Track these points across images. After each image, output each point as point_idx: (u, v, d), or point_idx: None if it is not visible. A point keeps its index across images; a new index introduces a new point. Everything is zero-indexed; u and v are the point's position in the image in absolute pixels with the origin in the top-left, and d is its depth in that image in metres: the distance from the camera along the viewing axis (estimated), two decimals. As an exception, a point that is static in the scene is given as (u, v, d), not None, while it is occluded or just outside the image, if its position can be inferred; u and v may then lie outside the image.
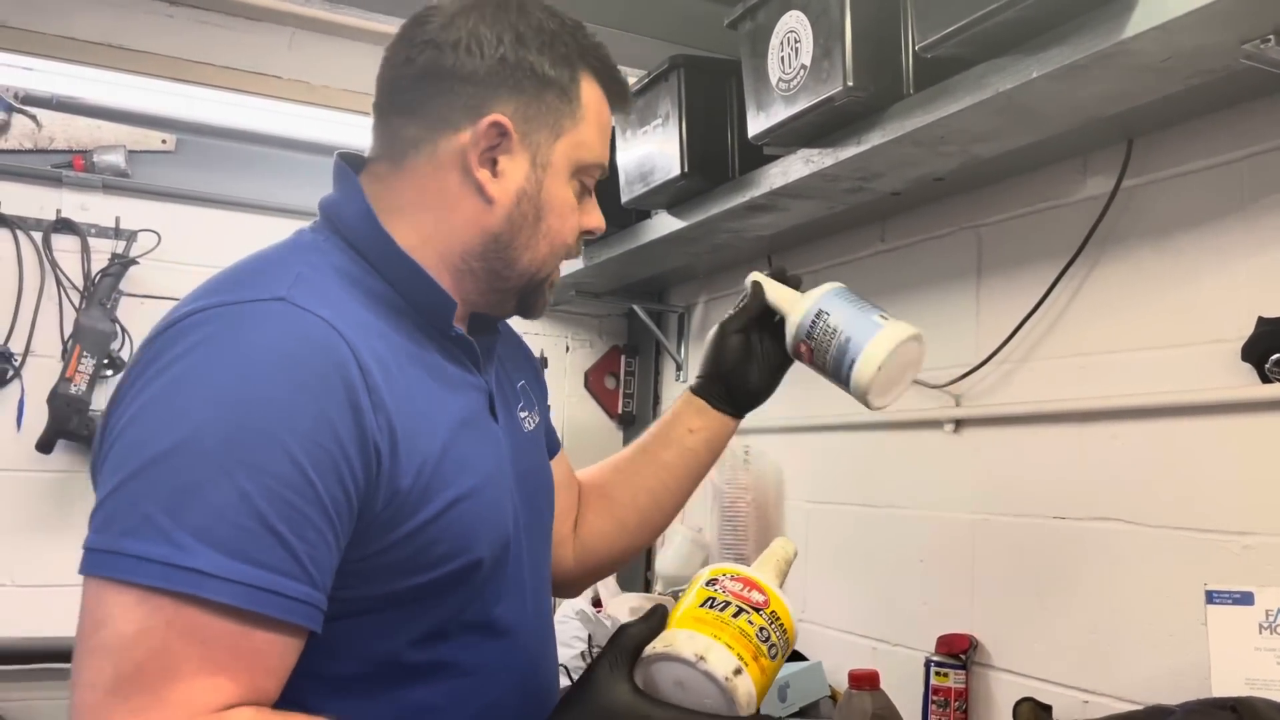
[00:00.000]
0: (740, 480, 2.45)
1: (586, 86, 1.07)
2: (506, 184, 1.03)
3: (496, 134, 1.01)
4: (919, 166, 1.72)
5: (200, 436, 0.81)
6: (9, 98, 2.51)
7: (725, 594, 0.93)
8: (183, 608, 0.78)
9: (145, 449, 0.81)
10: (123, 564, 0.80)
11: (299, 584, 0.82)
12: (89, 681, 0.78)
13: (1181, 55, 1.24)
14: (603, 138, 1.10)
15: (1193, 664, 1.40)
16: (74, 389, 2.42)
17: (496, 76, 1.01)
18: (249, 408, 0.82)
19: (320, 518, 0.83)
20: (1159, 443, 1.57)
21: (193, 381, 0.83)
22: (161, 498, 0.80)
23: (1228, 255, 1.51)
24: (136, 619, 0.78)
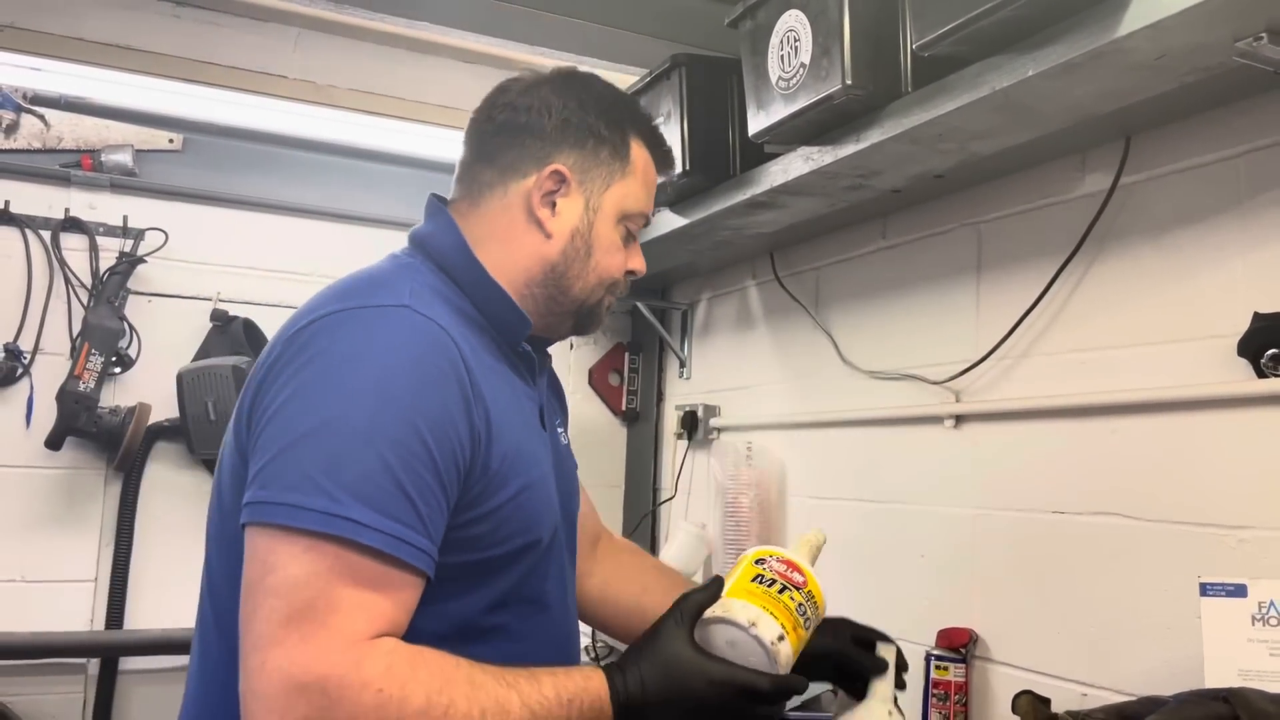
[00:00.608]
0: (743, 476, 2.46)
1: (636, 148, 1.28)
2: (563, 222, 1.23)
3: (557, 180, 1.22)
4: (918, 164, 1.74)
5: (351, 415, 0.98)
6: (17, 98, 2.54)
7: (772, 572, 1.09)
8: (341, 552, 0.94)
9: (303, 423, 0.99)
10: (289, 513, 0.95)
11: (423, 538, 0.99)
12: (264, 617, 0.93)
13: (1175, 53, 1.26)
14: (648, 192, 1.30)
15: (1188, 656, 1.41)
16: (82, 386, 2.44)
17: (560, 134, 1.23)
18: (390, 394, 1.00)
19: (438, 487, 1.01)
20: (1156, 437, 1.58)
21: (342, 370, 1.01)
22: (319, 462, 0.96)
23: (1224, 251, 1.52)
24: (305, 563, 0.94)
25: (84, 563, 2.52)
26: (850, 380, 2.27)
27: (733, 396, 2.73)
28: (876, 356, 2.20)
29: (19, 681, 2.41)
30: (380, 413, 0.99)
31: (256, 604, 0.95)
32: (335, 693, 0.91)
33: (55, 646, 2.43)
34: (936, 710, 1.81)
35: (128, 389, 2.56)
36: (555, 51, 2.44)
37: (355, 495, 0.95)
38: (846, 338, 2.30)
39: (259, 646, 0.93)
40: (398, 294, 1.09)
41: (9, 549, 2.45)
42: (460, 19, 2.33)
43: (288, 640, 0.92)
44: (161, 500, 2.58)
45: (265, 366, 1.07)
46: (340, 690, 0.91)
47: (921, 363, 2.06)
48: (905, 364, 2.10)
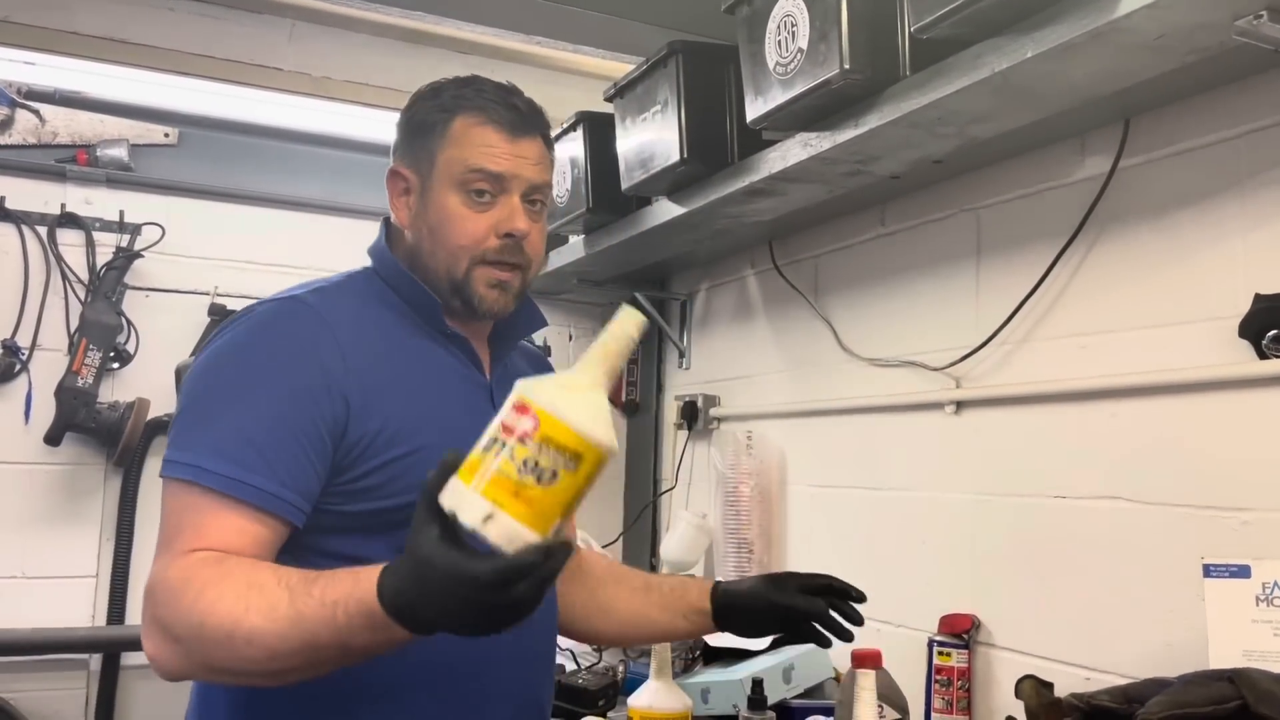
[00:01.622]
0: (743, 465, 2.46)
1: (458, 120, 1.33)
2: (408, 212, 1.36)
3: (398, 179, 1.36)
4: (917, 148, 1.73)
5: (218, 384, 1.21)
6: (12, 93, 2.53)
7: (498, 431, 0.94)
8: (190, 493, 1.14)
9: (189, 394, 1.22)
10: (165, 467, 1.17)
11: (270, 481, 1.14)
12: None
13: (1175, 33, 1.25)
14: (476, 150, 1.31)
15: (1192, 638, 1.41)
16: (81, 382, 2.44)
17: (398, 141, 1.38)
18: (248, 364, 1.21)
19: (294, 440, 1.17)
20: (1158, 420, 1.58)
21: (222, 352, 1.23)
22: (189, 425, 1.19)
23: (1225, 233, 1.52)
24: (168, 504, 1.17)
25: (85, 558, 2.52)
26: (850, 368, 2.26)
27: (732, 386, 2.73)
28: (876, 344, 2.19)
29: (21, 678, 2.41)
30: (238, 380, 1.19)
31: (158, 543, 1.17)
32: (152, 592, 1.11)
33: (57, 642, 2.43)
34: (940, 696, 1.81)
35: (126, 384, 2.56)
36: (551, 40, 2.44)
37: (210, 449, 1.14)
38: (846, 325, 2.30)
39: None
40: (295, 291, 1.28)
41: (9, 545, 2.45)
42: (456, 9, 2.33)
43: (157, 561, 1.14)
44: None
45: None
46: (153, 589, 1.11)
47: (921, 349, 2.05)
48: (905, 351, 2.10)
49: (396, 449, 1.22)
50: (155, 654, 1.10)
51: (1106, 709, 1.22)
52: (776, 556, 2.45)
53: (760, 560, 2.43)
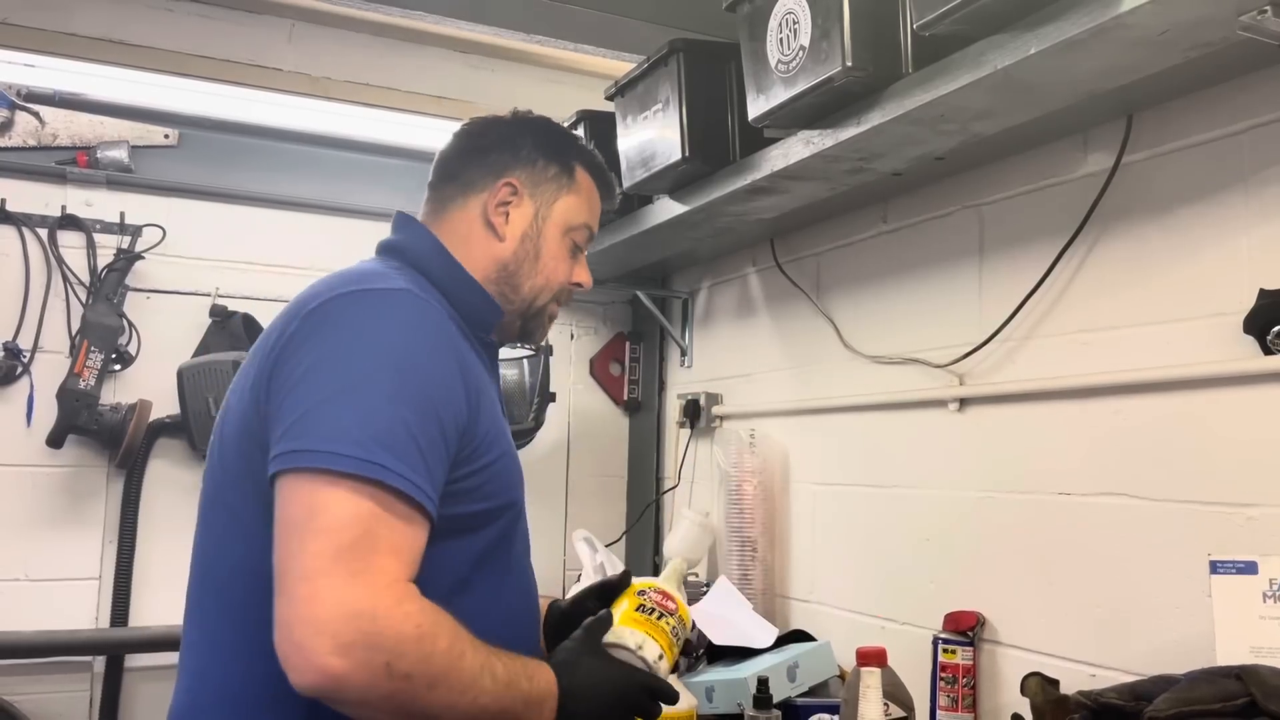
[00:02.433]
0: (746, 463, 2.46)
1: (580, 171, 1.46)
2: (514, 227, 1.40)
3: (509, 191, 1.40)
4: (919, 146, 1.73)
5: (376, 378, 1.12)
6: (12, 95, 2.52)
7: (651, 602, 1.35)
8: (377, 494, 1.06)
9: (333, 384, 1.10)
10: (329, 459, 1.06)
11: (430, 488, 1.12)
12: (314, 552, 1.04)
13: (1179, 28, 1.25)
14: (592, 210, 1.48)
15: (1198, 635, 1.41)
16: (83, 384, 2.43)
17: (514, 154, 1.42)
18: (407, 362, 1.14)
19: (442, 445, 1.15)
20: (1162, 417, 1.58)
21: (364, 339, 1.14)
22: (352, 416, 1.08)
23: (1228, 228, 1.52)
24: (349, 504, 1.05)
25: (88, 560, 2.51)
26: (853, 365, 2.26)
27: (735, 384, 2.73)
28: (879, 341, 2.19)
29: (25, 680, 2.41)
30: (400, 377, 1.12)
31: (302, 542, 1.04)
32: (383, 621, 1.02)
33: (60, 645, 2.42)
34: (945, 693, 1.81)
35: (128, 386, 2.55)
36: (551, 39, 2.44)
37: (383, 446, 1.07)
38: (848, 323, 2.30)
39: (308, 578, 1.03)
40: (394, 282, 1.24)
41: (12, 548, 2.45)
42: (455, 8, 2.32)
43: (336, 572, 1.02)
44: (164, 496, 2.58)
45: (282, 339, 1.17)
46: (388, 620, 1.03)
47: (924, 346, 2.05)
48: (908, 348, 2.09)
49: (493, 452, 1.25)
50: (352, 675, 1.01)
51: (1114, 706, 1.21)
52: (780, 554, 2.45)
53: (764, 558, 2.42)
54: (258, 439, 1.14)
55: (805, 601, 2.37)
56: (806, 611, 2.35)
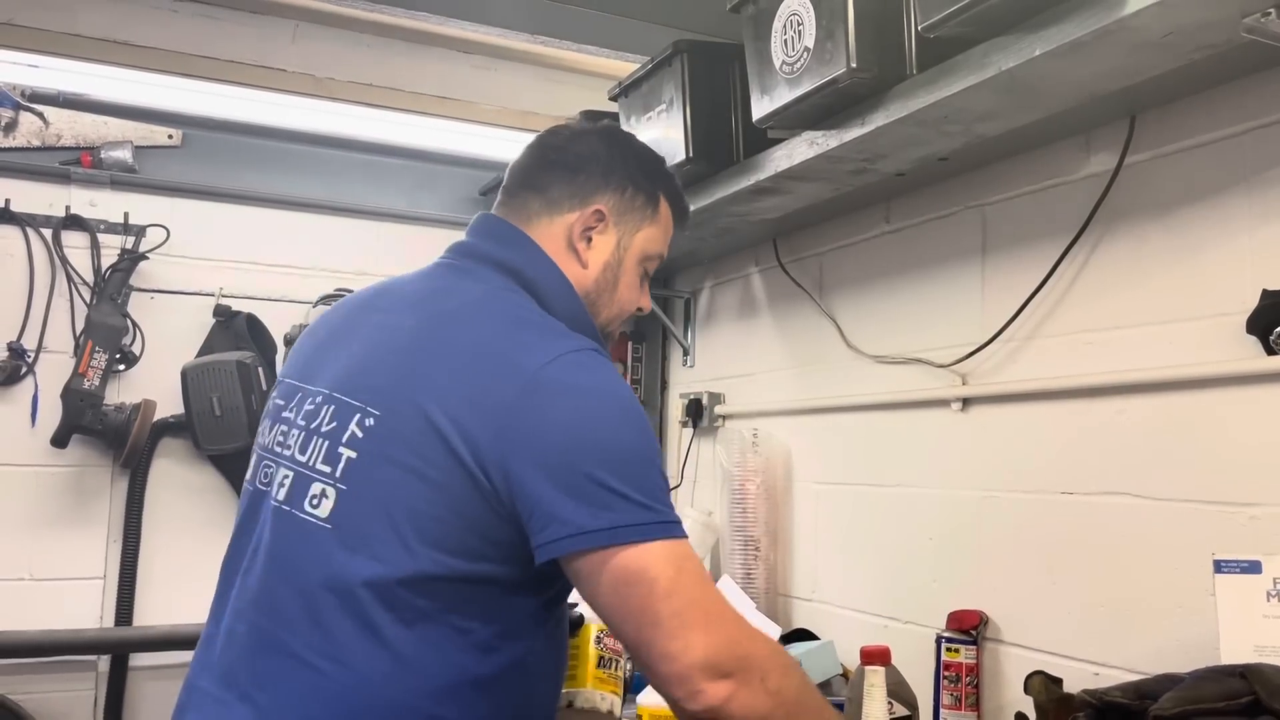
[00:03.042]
0: (749, 463, 2.47)
1: (664, 202, 1.45)
2: (597, 255, 1.38)
3: (597, 218, 1.38)
4: (923, 146, 1.73)
5: (639, 443, 1.18)
6: (16, 96, 2.53)
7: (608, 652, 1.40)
8: (687, 552, 1.14)
9: (614, 451, 1.14)
10: (660, 529, 1.13)
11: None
12: (671, 613, 1.10)
13: (1182, 30, 1.25)
14: (666, 240, 1.47)
15: (1202, 634, 1.42)
16: (87, 384, 2.44)
17: (604, 178, 1.39)
18: (644, 423, 1.20)
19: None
20: (1165, 417, 1.58)
21: (610, 403, 1.18)
22: (643, 484, 1.14)
23: (1231, 229, 1.52)
24: (677, 566, 1.12)
25: (92, 560, 2.52)
26: (856, 365, 2.27)
27: (737, 384, 2.73)
28: (882, 341, 2.20)
29: (30, 680, 2.41)
30: (647, 437, 1.20)
31: (657, 610, 1.10)
32: (750, 647, 1.13)
33: (65, 644, 2.43)
34: (948, 692, 1.81)
35: (132, 386, 2.56)
36: (555, 40, 2.44)
37: (667, 505, 1.16)
38: (851, 323, 2.30)
39: (677, 635, 1.10)
40: (576, 341, 1.23)
41: (17, 547, 2.45)
42: (458, 9, 2.33)
43: (698, 621, 1.11)
44: (168, 496, 2.59)
45: (515, 393, 1.15)
46: (752, 645, 1.14)
47: (927, 346, 2.06)
48: (911, 348, 2.10)
49: None
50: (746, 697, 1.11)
51: (1119, 705, 1.22)
52: (783, 554, 2.46)
53: (767, 558, 2.43)
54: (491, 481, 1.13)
55: (808, 600, 2.37)
56: (810, 610, 2.36)
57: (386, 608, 1.12)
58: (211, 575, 1.32)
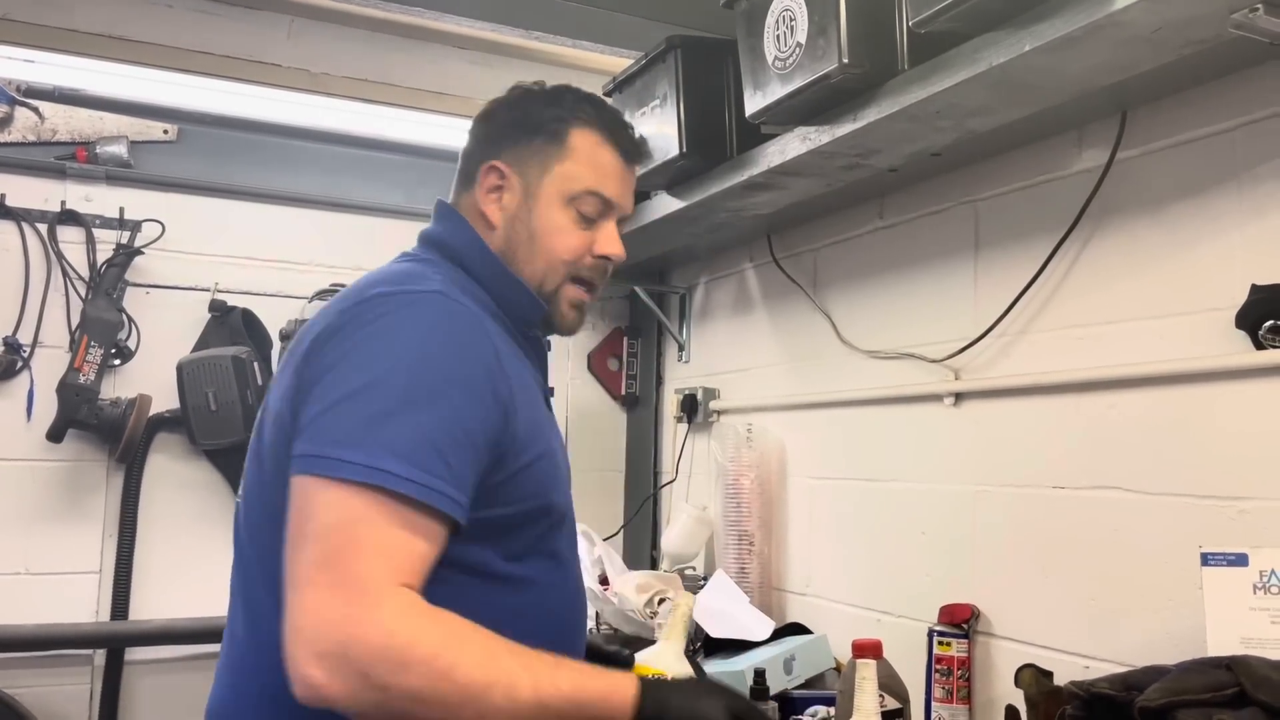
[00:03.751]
0: (743, 458, 2.47)
1: (578, 133, 1.34)
2: (504, 213, 1.33)
3: (496, 176, 1.34)
4: (915, 142, 1.74)
5: (391, 379, 1.09)
6: (11, 91, 2.53)
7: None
8: (373, 501, 1.03)
9: (348, 384, 1.09)
10: (330, 465, 1.04)
11: (452, 488, 1.07)
12: (303, 560, 1.03)
13: (1172, 26, 1.26)
14: (597, 172, 1.35)
15: (1190, 627, 1.42)
16: (82, 379, 2.44)
17: (500, 135, 1.35)
18: (426, 363, 1.11)
19: (469, 446, 1.11)
20: (1156, 411, 1.59)
21: (386, 340, 1.12)
22: (361, 419, 1.06)
23: (1221, 224, 1.53)
24: (338, 511, 1.03)
25: (88, 554, 2.52)
26: (849, 360, 2.27)
27: (732, 379, 2.74)
28: (875, 336, 2.20)
29: (26, 674, 2.42)
30: (417, 378, 1.10)
31: (296, 548, 1.04)
32: (354, 629, 0.99)
33: (61, 638, 2.43)
34: (940, 685, 1.82)
35: (128, 381, 2.56)
36: (549, 35, 2.44)
37: (390, 450, 1.05)
38: (845, 318, 2.31)
39: (296, 586, 1.03)
40: (430, 283, 1.21)
41: (13, 542, 2.46)
42: (454, 4, 2.33)
43: (319, 581, 1.01)
44: (164, 491, 2.59)
45: (319, 336, 1.16)
46: (357, 627, 0.99)
47: (920, 341, 2.06)
48: (904, 343, 2.11)
49: (529, 453, 1.20)
50: (329, 688, 0.99)
51: (1106, 696, 1.23)
52: (776, 548, 2.47)
53: (760, 552, 2.44)
54: (290, 438, 1.12)
55: (802, 594, 2.38)
56: (803, 604, 2.36)
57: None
58: (207, 569, 1.34)
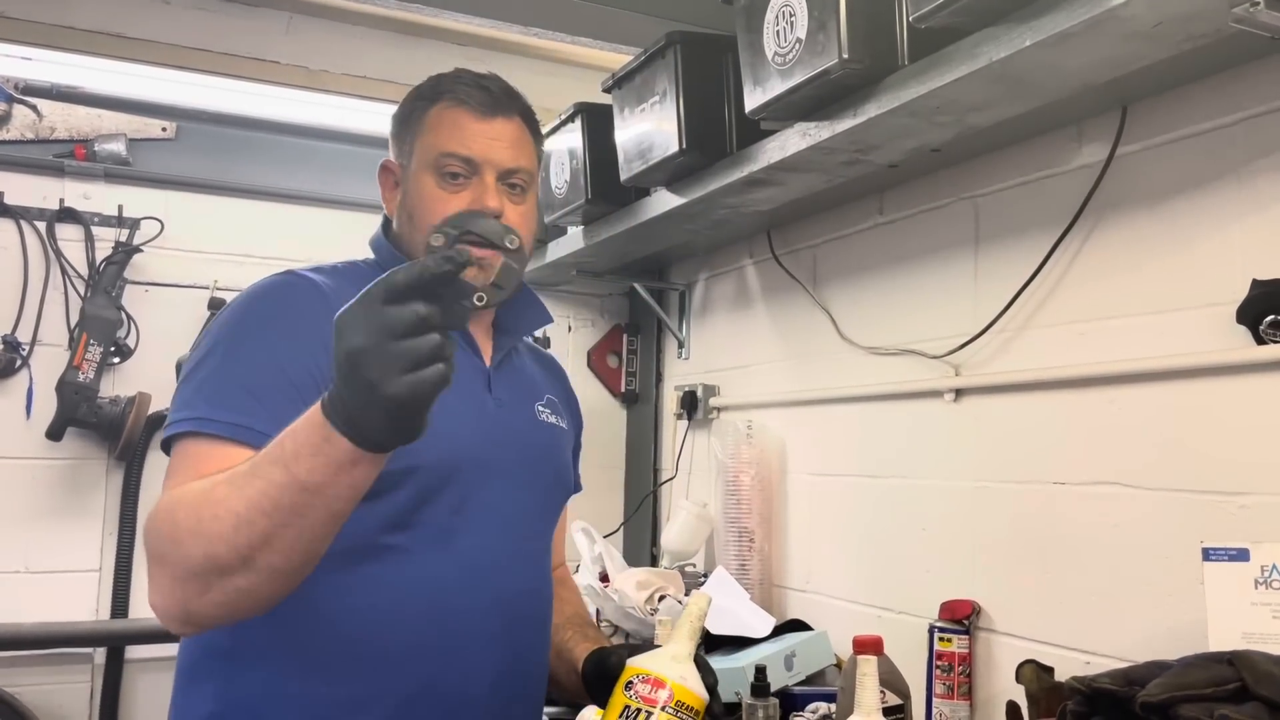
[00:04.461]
0: (743, 454, 2.47)
1: (434, 109, 1.37)
2: (394, 203, 1.41)
3: (385, 173, 1.42)
4: (915, 137, 1.73)
5: (212, 346, 1.21)
6: (9, 88, 2.53)
7: (637, 700, 1.21)
8: (190, 441, 1.15)
9: (192, 360, 1.22)
10: (166, 429, 1.19)
11: (271, 427, 1.05)
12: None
13: (1172, 20, 1.26)
14: (449, 133, 1.35)
15: (1191, 622, 1.42)
16: (81, 377, 2.44)
17: (390, 135, 1.42)
18: (241, 323, 1.23)
19: (291, 387, 1.16)
20: (1156, 407, 1.59)
21: (222, 317, 1.26)
22: (189, 386, 1.19)
23: (1222, 219, 1.53)
24: (173, 460, 1.17)
25: (88, 552, 2.52)
26: (849, 356, 2.27)
27: (732, 376, 2.74)
28: (875, 332, 2.20)
29: (26, 672, 2.42)
30: (234, 338, 1.21)
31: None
32: (144, 536, 1.11)
33: (61, 636, 2.44)
34: (941, 681, 1.82)
35: (127, 378, 2.56)
36: (548, 32, 2.44)
37: (207, 400, 1.16)
38: (845, 314, 2.31)
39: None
40: (292, 270, 1.31)
41: (12, 540, 2.46)
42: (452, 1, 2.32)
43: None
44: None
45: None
46: (144, 534, 1.11)
47: (920, 337, 2.06)
48: (904, 339, 2.11)
49: None
50: (155, 600, 1.08)
51: (1108, 692, 1.23)
52: (777, 545, 2.47)
53: (761, 548, 2.44)
54: None
55: (802, 591, 2.38)
56: (803, 601, 2.36)
57: None
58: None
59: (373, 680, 1.23)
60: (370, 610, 1.22)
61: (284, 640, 1.20)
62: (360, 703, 1.22)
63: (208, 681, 1.25)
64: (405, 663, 1.24)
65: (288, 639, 1.20)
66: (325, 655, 1.22)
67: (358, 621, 1.22)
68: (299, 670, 1.21)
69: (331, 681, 1.22)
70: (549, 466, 1.47)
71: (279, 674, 1.21)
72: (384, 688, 1.23)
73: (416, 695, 1.24)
